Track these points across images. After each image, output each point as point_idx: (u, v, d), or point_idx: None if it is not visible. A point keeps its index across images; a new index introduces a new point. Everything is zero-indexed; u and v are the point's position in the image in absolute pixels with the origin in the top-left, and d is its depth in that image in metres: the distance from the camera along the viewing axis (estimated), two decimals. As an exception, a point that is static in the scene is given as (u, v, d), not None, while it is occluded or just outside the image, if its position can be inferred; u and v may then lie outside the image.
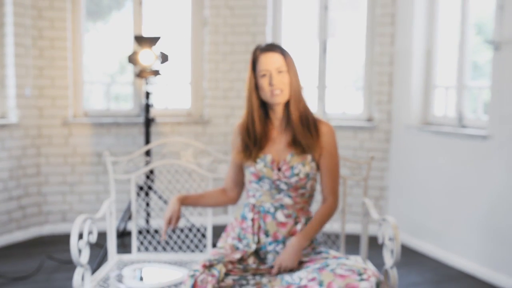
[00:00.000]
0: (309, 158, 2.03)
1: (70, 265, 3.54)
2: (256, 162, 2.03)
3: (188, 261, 2.53)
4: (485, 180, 3.47)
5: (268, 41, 4.57)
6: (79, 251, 2.01)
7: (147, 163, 2.70)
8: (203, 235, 3.19)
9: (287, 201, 2.04)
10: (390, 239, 2.03)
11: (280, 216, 2.02)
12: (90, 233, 2.13)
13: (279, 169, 2.02)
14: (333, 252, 2.01)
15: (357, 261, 2.00)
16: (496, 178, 3.39)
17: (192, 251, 3.43)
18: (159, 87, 4.72)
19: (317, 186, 2.18)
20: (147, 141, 4.04)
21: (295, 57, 2.05)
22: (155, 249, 3.68)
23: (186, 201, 2.12)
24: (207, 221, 2.64)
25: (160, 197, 3.84)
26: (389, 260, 2.04)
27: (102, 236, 2.91)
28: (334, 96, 4.77)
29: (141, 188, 3.70)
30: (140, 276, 2.32)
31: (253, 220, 2.04)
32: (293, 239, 1.96)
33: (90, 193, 4.57)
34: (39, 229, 4.44)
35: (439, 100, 4.16)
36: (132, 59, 3.91)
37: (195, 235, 3.94)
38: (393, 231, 1.98)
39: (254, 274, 1.92)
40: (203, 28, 4.70)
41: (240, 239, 2.07)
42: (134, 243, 2.60)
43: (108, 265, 2.42)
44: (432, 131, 3.95)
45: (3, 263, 3.71)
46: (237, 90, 4.66)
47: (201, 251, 3.10)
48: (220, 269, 1.81)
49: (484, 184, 3.48)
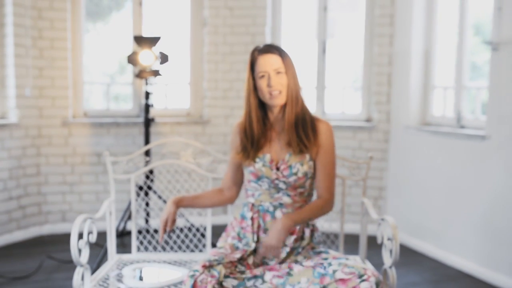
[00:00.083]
0: (308, 157, 2.03)
1: (70, 265, 3.55)
2: (255, 162, 2.04)
3: (188, 261, 2.54)
4: (484, 180, 3.48)
5: (267, 42, 4.59)
6: (79, 251, 2.02)
7: (147, 163, 2.71)
8: (203, 235, 3.20)
9: (286, 200, 2.04)
10: (389, 239, 2.04)
11: (279, 215, 2.03)
12: (90, 233, 2.14)
13: (278, 169, 2.02)
14: (333, 252, 2.01)
15: (356, 261, 2.00)
16: (495, 178, 3.40)
17: (192, 251, 3.44)
18: (159, 87, 4.72)
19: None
20: (147, 141, 4.05)
21: (294, 58, 2.05)
22: (155, 249, 3.69)
23: (182, 203, 2.11)
24: (207, 221, 2.65)
25: (160, 197, 3.85)
26: (388, 260, 2.05)
27: (102, 236, 2.93)
28: (333, 97, 4.78)
29: (141, 188, 3.70)
30: (140, 276, 2.33)
31: (253, 219, 2.05)
32: (278, 219, 1.95)
33: (90, 193, 4.58)
34: (39, 229, 4.44)
35: (438, 101, 4.18)
36: (132, 60, 3.91)
37: (195, 235, 3.95)
38: (392, 231, 1.99)
39: (254, 277, 1.91)
40: (203, 29, 4.71)
41: (240, 238, 2.08)
42: (134, 243, 2.61)
43: (108, 265, 2.42)
44: (431, 131, 3.97)
45: (3, 263, 3.71)
46: (237, 90, 4.67)
47: (201, 251, 3.10)
48: (220, 270, 1.81)
49: (483, 184, 3.49)
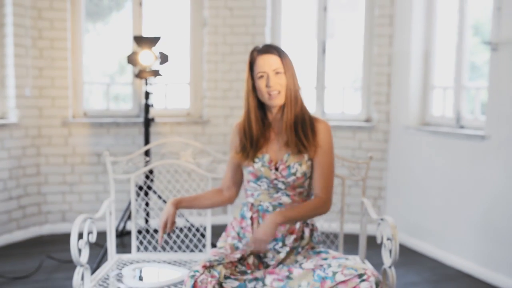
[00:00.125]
0: (306, 157, 2.03)
1: (70, 265, 3.55)
2: (254, 162, 2.04)
3: (188, 261, 2.54)
4: (483, 180, 3.48)
5: (267, 42, 4.59)
6: (79, 251, 2.02)
7: (147, 163, 2.71)
8: (202, 235, 3.20)
9: (285, 200, 2.05)
10: (389, 239, 2.04)
11: None
12: (90, 233, 2.15)
13: (277, 169, 2.03)
14: (333, 252, 2.01)
15: (356, 261, 2.00)
16: (494, 178, 3.40)
17: (192, 251, 3.44)
18: (159, 87, 4.72)
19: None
20: (147, 141, 4.05)
21: (294, 58, 2.06)
22: (155, 249, 3.70)
23: (181, 205, 2.11)
24: (206, 221, 2.65)
25: (160, 197, 3.85)
26: (388, 260, 2.05)
27: (102, 236, 2.93)
28: (333, 97, 4.79)
29: (141, 188, 3.70)
30: (140, 276, 2.33)
31: (252, 219, 2.06)
32: (270, 214, 1.95)
33: (90, 193, 4.58)
34: (39, 229, 4.44)
35: (437, 101, 4.18)
36: (132, 60, 3.91)
37: (195, 235, 3.96)
38: (392, 231, 1.99)
39: (255, 279, 1.90)
40: (203, 29, 4.71)
41: (240, 238, 2.09)
42: (134, 243, 2.61)
43: (108, 265, 2.43)
44: (430, 132, 3.97)
45: (3, 263, 3.71)
46: (236, 90, 4.67)
47: (201, 251, 3.11)
48: (220, 270, 1.81)
49: (482, 184, 3.49)
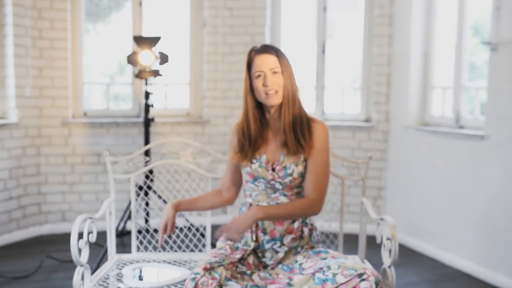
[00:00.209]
0: (302, 158, 2.03)
1: (70, 265, 3.56)
2: (252, 163, 2.05)
3: (188, 261, 2.54)
4: (482, 180, 3.49)
5: (266, 42, 4.60)
6: (79, 251, 2.02)
7: (147, 163, 2.72)
8: (202, 235, 3.20)
9: (283, 200, 2.05)
10: (388, 239, 2.04)
11: None
12: (90, 233, 2.15)
13: (273, 169, 2.03)
14: (332, 252, 2.01)
15: (355, 260, 2.01)
16: (493, 178, 3.41)
17: (192, 251, 3.45)
18: (159, 87, 4.73)
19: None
20: (147, 141, 4.05)
21: (294, 58, 2.06)
22: (155, 249, 3.70)
23: (181, 207, 2.11)
24: (206, 221, 2.66)
25: (160, 197, 3.85)
26: (387, 260, 2.05)
27: (102, 236, 2.93)
28: (333, 97, 4.79)
29: (141, 188, 3.71)
30: (140, 276, 2.33)
31: None
32: (251, 208, 1.95)
33: (90, 193, 4.58)
34: (39, 229, 4.45)
35: (437, 101, 4.19)
36: (131, 60, 3.91)
37: (194, 235, 3.96)
38: (391, 231, 1.99)
39: (256, 287, 1.89)
40: (202, 29, 4.72)
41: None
42: (134, 243, 2.62)
43: (108, 265, 2.43)
44: (430, 132, 3.97)
45: (3, 263, 3.72)
46: (236, 90, 4.67)
47: (201, 251, 3.11)
48: (221, 272, 1.80)
49: (481, 184, 3.50)
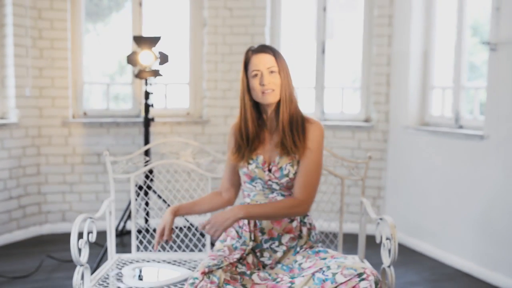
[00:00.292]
0: (297, 158, 2.03)
1: (70, 264, 3.56)
2: (249, 163, 2.05)
3: (187, 260, 2.54)
4: (482, 180, 3.49)
5: (266, 43, 4.60)
6: (79, 250, 2.02)
7: (146, 163, 2.72)
8: (202, 235, 3.21)
9: None
10: (388, 239, 2.04)
11: None
12: (90, 233, 2.15)
13: (270, 170, 2.03)
14: (331, 251, 2.01)
15: (355, 260, 2.01)
16: (493, 178, 3.41)
17: (192, 250, 3.45)
18: (158, 87, 4.73)
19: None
20: (147, 141, 4.05)
21: (293, 58, 2.06)
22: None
23: (180, 212, 2.10)
24: (206, 221, 2.66)
25: (160, 197, 3.86)
26: (387, 259, 2.05)
27: (102, 236, 2.94)
28: (332, 97, 4.80)
29: (141, 188, 3.71)
30: (140, 275, 2.34)
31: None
32: (233, 207, 1.94)
33: (90, 193, 4.59)
34: (39, 229, 4.45)
35: (436, 101, 4.19)
36: (131, 60, 3.92)
37: (194, 235, 3.97)
38: (391, 231, 1.99)
39: None
40: (202, 29, 4.72)
41: (240, 237, 2.09)
42: (134, 242, 2.62)
43: (108, 264, 2.43)
44: (429, 131, 3.98)
45: (3, 262, 3.72)
46: (236, 90, 4.67)
47: (200, 250, 3.11)
48: (220, 276, 1.79)
49: (481, 184, 3.50)
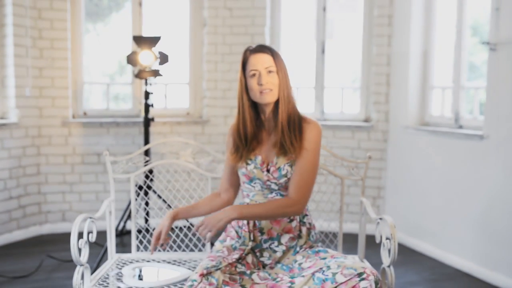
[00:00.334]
0: (294, 158, 2.02)
1: (70, 264, 3.57)
2: (247, 164, 2.04)
3: (187, 260, 2.55)
4: (482, 180, 3.50)
5: (266, 43, 4.60)
6: (79, 250, 2.02)
7: (146, 163, 2.72)
8: (202, 234, 3.21)
9: None
10: (388, 238, 2.05)
11: None
12: (90, 232, 2.15)
13: (268, 170, 2.03)
14: (331, 251, 2.01)
15: (355, 260, 2.01)
16: (492, 178, 3.41)
17: (191, 250, 3.45)
18: (158, 87, 4.73)
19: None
20: (146, 141, 4.05)
21: (293, 58, 2.06)
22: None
23: (179, 216, 2.09)
24: (206, 221, 2.66)
25: (160, 197, 3.86)
26: (387, 259, 2.05)
27: (102, 235, 2.94)
28: (332, 97, 4.80)
29: (141, 188, 3.71)
30: (140, 275, 2.34)
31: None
32: (226, 208, 1.92)
33: (90, 193, 4.59)
34: (39, 228, 4.45)
35: (436, 101, 4.19)
36: (131, 60, 3.92)
37: (194, 234, 3.96)
38: (391, 230, 1.99)
39: None
40: (202, 29, 4.72)
41: (239, 237, 2.09)
42: (134, 242, 2.62)
43: (108, 264, 2.43)
44: (429, 131, 3.98)
45: (3, 262, 3.72)
46: (236, 90, 4.64)
47: (200, 250, 3.12)
48: (218, 277, 1.78)
49: (481, 184, 3.50)
